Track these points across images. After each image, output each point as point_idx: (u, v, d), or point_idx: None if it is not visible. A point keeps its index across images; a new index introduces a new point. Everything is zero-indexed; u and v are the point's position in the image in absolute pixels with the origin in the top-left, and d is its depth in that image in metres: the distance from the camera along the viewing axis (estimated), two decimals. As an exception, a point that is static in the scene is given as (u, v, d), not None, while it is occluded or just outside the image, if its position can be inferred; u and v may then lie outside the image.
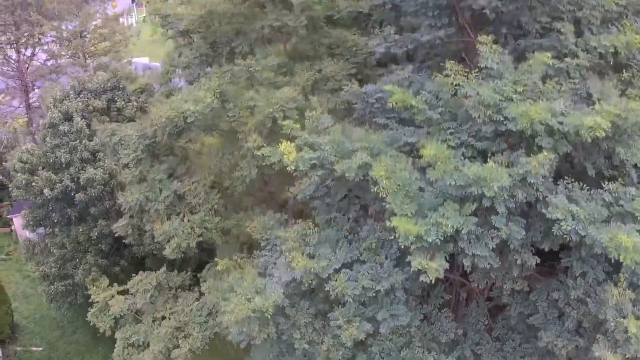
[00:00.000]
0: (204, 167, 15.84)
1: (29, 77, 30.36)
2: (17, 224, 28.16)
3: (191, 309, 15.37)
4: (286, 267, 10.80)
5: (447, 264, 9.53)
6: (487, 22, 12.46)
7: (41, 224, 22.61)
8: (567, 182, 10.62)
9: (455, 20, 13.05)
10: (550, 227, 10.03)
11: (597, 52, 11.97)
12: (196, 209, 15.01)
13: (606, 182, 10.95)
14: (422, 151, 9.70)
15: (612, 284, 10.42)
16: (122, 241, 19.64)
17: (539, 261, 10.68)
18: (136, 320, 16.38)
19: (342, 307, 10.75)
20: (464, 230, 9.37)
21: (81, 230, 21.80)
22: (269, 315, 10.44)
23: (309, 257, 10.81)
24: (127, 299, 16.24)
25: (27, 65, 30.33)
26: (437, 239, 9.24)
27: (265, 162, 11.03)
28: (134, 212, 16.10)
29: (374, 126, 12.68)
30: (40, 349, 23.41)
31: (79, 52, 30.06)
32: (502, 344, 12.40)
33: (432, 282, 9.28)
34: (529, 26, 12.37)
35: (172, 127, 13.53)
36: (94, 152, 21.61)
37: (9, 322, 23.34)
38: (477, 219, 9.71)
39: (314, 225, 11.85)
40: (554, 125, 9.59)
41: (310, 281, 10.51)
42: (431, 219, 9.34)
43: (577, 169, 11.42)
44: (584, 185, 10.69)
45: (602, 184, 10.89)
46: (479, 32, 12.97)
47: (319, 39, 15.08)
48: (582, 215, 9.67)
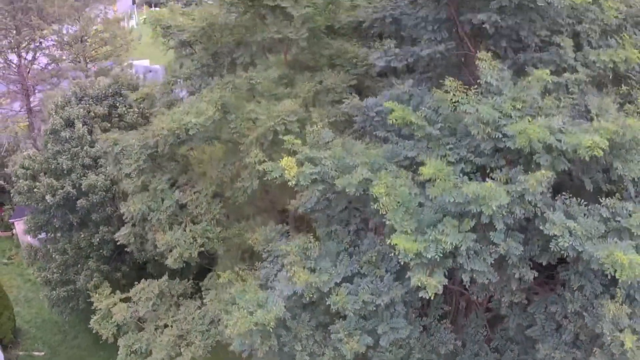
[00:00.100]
0: (205, 176, 15.97)
1: (29, 81, 30.44)
2: (19, 228, 28.29)
3: (193, 317, 15.51)
4: (287, 281, 10.94)
5: (446, 280, 9.67)
6: (486, 36, 12.58)
7: (43, 229, 22.76)
8: (565, 198, 10.76)
9: (455, 32, 13.17)
10: (548, 241, 10.17)
11: (596, 66, 12.10)
12: (198, 218, 15.15)
13: (604, 197, 11.10)
14: (421, 169, 9.82)
15: (609, 298, 10.57)
16: (124, 247, 19.81)
17: (536, 275, 10.82)
18: (139, 327, 16.52)
19: (343, 320, 10.90)
20: (462, 247, 9.50)
21: (83, 236, 21.95)
22: (271, 328, 10.58)
23: (310, 271, 10.96)
24: (129, 306, 16.37)
25: (28, 69, 30.41)
26: (437, 256, 9.38)
27: (267, 177, 11.17)
28: (136, 221, 16.23)
29: (374, 139, 12.82)
30: (42, 353, 23.58)
31: (80, 57, 30.14)
32: (500, 355, 12.55)
33: (432, 297, 9.42)
34: (529, 40, 12.48)
35: (174, 139, 13.64)
36: (95, 158, 21.73)
37: (11, 327, 23.49)
38: (475, 235, 9.85)
39: (315, 239, 11.99)
40: (552, 142, 9.71)
41: (311, 295, 10.66)
42: (430, 236, 9.48)
43: (576, 183, 11.56)
44: (582, 200, 10.83)
45: (600, 198, 11.02)
46: (478, 44, 13.11)
47: (320, 50, 15.19)
48: (580, 231, 9.81)
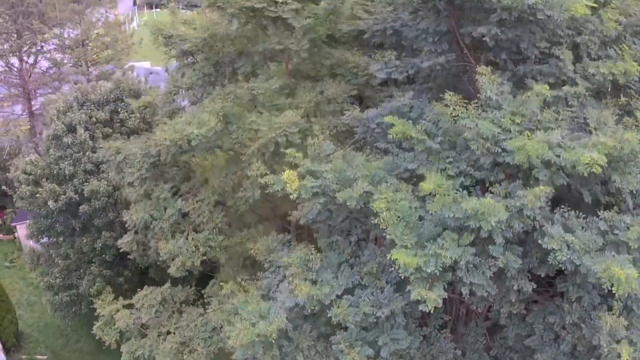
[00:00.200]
0: (207, 184, 16.11)
1: (31, 84, 30.56)
2: (21, 232, 28.44)
3: (195, 324, 15.66)
4: (289, 292, 11.08)
5: (445, 293, 9.81)
6: (486, 48, 12.67)
7: (45, 234, 22.90)
8: (564, 211, 10.88)
9: (455, 44, 13.27)
10: (546, 254, 10.30)
11: (595, 79, 12.19)
12: (200, 227, 15.29)
13: (602, 209, 11.22)
14: (421, 185, 9.95)
15: (606, 310, 10.71)
16: (126, 252, 19.93)
17: (535, 287, 10.95)
18: (141, 334, 16.68)
19: (344, 332, 11.05)
20: (462, 261, 9.64)
21: (85, 241, 22.11)
22: (273, 339, 10.73)
23: (312, 283, 11.10)
24: (132, 313, 16.52)
25: (29, 73, 30.52)
26: (436, 270, 9.51)
27: (268, 190, 11.29)
28: (138, 229, 16.37)
29: (375, 150, 12.94)
30: (44, 357, 23.75)
31: (81, 60, 30.25)
32: (499, 363, 12.72)
33: (431, 311, 9.56)
34: (528, 52, 12.57)
35: (176, 149, 13.77)
36: (97, 164, 21.85)
37: (14, 331, 23.67)
38: (475, 248, 9.98)
39: (316, 250, 12.13)
40: (551, 158, 9.83)
41: (313, 307, 10.80)
42: (430, 250, 9.61)
43: (574, 195, 11.68)
44: (580, 213, 10.96)
45: (599, 210, 11.14)
46: (479, 56, 13.22)
47: (321, 60, 15.29)
48: (578, 245, 9.94)
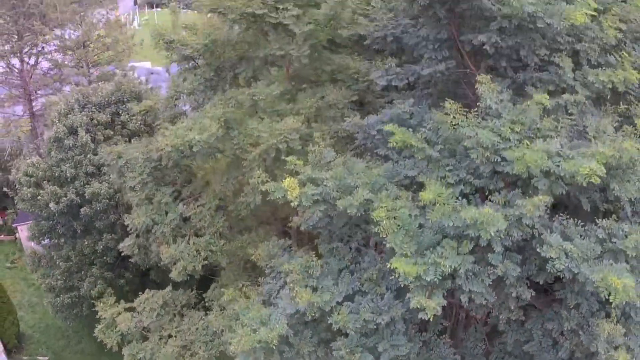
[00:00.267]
0: (208, 187, 16.20)
1: (32, 85, 30.61)
2: (22, 232, 28.53)
3: (197, 328, 15.77)
4: (290, 299, 11.18)
5: (444, 301, 9.91)
6: (486, 55, 12.74)
7: (46, 235, 22.99)
8: (563, 219, 10.97)
9: (456, 50, 13.33)
10: (545, 261, 10.39)
11: (595, 87, 12.26)
12: (201, 231, 15.38)
13: (601, 216, 11.30)
14: (421, 195, 10.04)
15: (604, 317, 10.80)
16: (128, 256, 20.05)
17: (534, 294, 11.04)
18: (143, 337, 16.79)
19: (344, 338, 11.15)
20: (461, 269, 9.73)
21: (86, 243, 22.21)
22: (274, 346, 10.83)
23: (312, 290, 11.20)
24: (133, 316, 16.63)
25: (30, 74, 30.57)
26: (436, 279, 9.60)
27: (269, 198, 11.37)
28: (140, 232, 16.46)
29: (375, 156, 13.01)
30: (46, 358, 23.88)
31: (82, 62, 30.30)
32: (498, 369, 12.81)
33: (430, 319, 9.65)
34: (528, 59, 12.64)
35: (178, 155, 13.85)
36: (98, 166, 21.93)
37: (15, 332, 23.78)
38: (474, 257, 10.07)
39: (317, 255, 12.22)
40: (550, 167, 9.91)
41: (313, 314, 10.91)
42: (429, 259, 9.70)
43: (573, 201, 11.76)
44: (579, 220, 11.04)
45: (597, 217, 11.22)
46: (479, 63, 13.28)
47: (322, 66, 15.35)
48: (576, 253, 10.03)
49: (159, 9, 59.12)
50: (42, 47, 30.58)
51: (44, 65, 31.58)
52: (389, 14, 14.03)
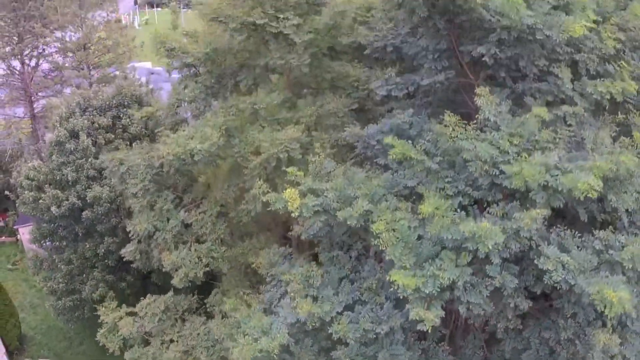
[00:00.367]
0: (209, 190, 16.31)
1: (32, 88, 30.67)
2: (23, 234, 28.66)
3: (198, 333, 15.92)
4: (291, 308, 11.32)
5: (443, 312, 10.05)
6: (485, 66, 12.83)
7: (48, 239, 23.11)
8: (560, 230, 11.10)
9: (455, 59, 13.42)
10: (542, 272, 10.52)
11: (593, 97, 12.35)
12: (203, 237, 15.50)
13: (599, 226, 11.42)
14: (420, 208, 10.16)
15: (601, 326, 10.95)
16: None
17: (531, 304, 11.19)
18: (145, 341, 16.94)
19: (344, 347, 11.30)
20: (459, 281, 9.87)
21: (88, 246, 22.31)
22: (275, 355, 10.98)
23: (313, 299, 11.34)
24: (135, 321, 16.76)
25: (31, 76, 30.63)
26: (434, 290, 9.74)
27: (270, 208, 11.49)
28: (141, 238, 16.59)
29: (375, 166, 13.13)
30: (48, 360, 24.08)
31: (83, 64, 30.34)
32: (497, 376, 12.97)
33: (429, 330, 9.80)
34: (527, 70, 12.73)
35: (180, 163, 13.97)
36: (100, 170, 22.02)
37: (17, 334, 23.94)
38: (472, 268, 10.21)
39: (317, 263, 12.35)
40: (548, 180, 10.03)
41: (314, 324, 11.05)
42: (428, 271, 9.84)
43: (571, 212, 11.88)
44: (576, 232, 11.17)
45: (595, 227, 11.35)
46: (478, 73, 13.37)
47: (322, 74, 15.45)
48: (573, 265, 10.16)
49: (159, 9, 59.06)
50: (43, 49, 30.62)
51: (45, 66, 31.63)
52: (389, 23, 14.11)
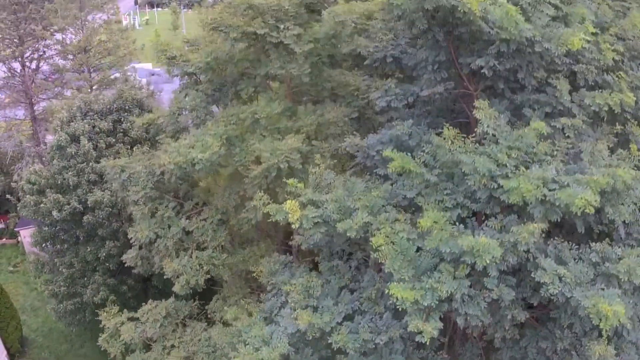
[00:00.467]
0: (210, 195, 16.44)
1: (33, 90, 30.74)
2: (25, 237, 28.78)
3: (199, 339, 16.06)
4: (291, 319, 11.46)
5: (441, 324, 10.19)
6: (484, 77, 12.93)
7: (49, 242, 23.24)
8: (557, 242, 11.23)
9: (454, 67, 13.52)
10: (539, 283, 10.66)
11: (591, 109, 12.46)
12: (204, 244, 15.64)
13: (596, 237, 11.55)
14: (419, 222, 10.28)
15: (597, 336, 11.08)
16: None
17: (528, 316, 11.33)
18: (146, 346, 17.09)
19: (344, 357, 11.44)
20: (457, 294, 10.01)
21: (89, 250, 22.45)
22: (275, 364, 11.13)
23: (313, 310, 11.48)
24: (137, 326, 16.90)
25: (32, 79, 30.70)
26: (433, 303, 9.88)
27: (270, 219, 11.61)
28: (143, 244, 16.72)
29: (375, 175, 13.24)
30: (49, 362, 24.24)
31: (83, 66, 30.41)
32: (494, 384, 13.12)
33: (427, 342, 9.94)
34: (526, 81, 12.84)
35: (181, 172, 14.09)
36: (101, 174, 22.13)
37: (18, 337, 24.09)
38: (470, 280, 10.34)
39: (317, 273, 12.48)
40: (545, 194, 10.15)
41: (314, 334, 11.19)
42: (427, 284, 9.97)
43: (568, 222, 12.01)
44: (573, 243, 11.30)
45: (592, 239, 11.47)
46: (477, 84, 13.48)
47: (322, 83, 15.55)
48: (569, 277, 10.30)
49: (159, 9, 59.00)
50: (44, 52, 30.68)
51: (46, 68, 31.69)
52: (388, 34, 14.20)
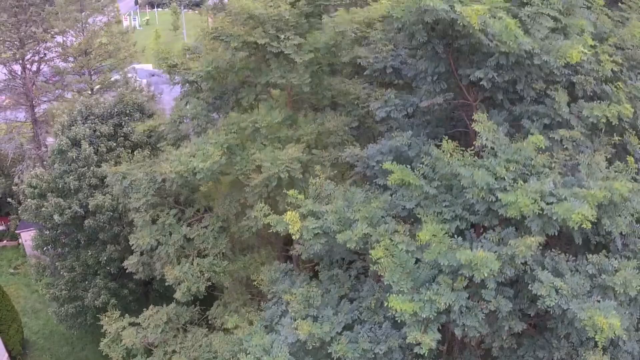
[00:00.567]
0: (212, 212, 16.54)
1: (34, 92, 30.80)
2: (26, 240, 28.89)
3: (200, 345, 16.21)
4: (292, 328, 11.60)
5: (439, 335, 10.34)
6: (483, 89, 13.04)
7: (50, 246, 23.36)
8: (554, 254, 11.36)
9: (453, 78, 13.62)
10: (536, 295, 10.80)
11: (589, 121, 12.57)
12: (205, 251, 15.77)
13: (593, 248, 11.67)
14: (418, 235, 10.41)
15: (594, 346, 11.23)
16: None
17: (525, 327, 11.47)
18: (147, 351, 17.22)
19: (343, 366, 11.59)
20: (455, 306, 10.14)
21: (90, 253, 22.59)
22: (275, 374, 11.27)
23: (313, 319, 11.62)
24: (138, 331, 17.04)
25: (32, 81, 30.76)
26: (431, 315, 10.02)
27: (271, 230, 11.74)
28: (144, 250, 16.84)
29: (375, 185, 13.36)
30: (50, 365, 24.38)
31: (84, 69, 30.47)
32: (492, 392, 13.26)
33: (426, 354, 10.09)
34: (524, 93, 12.94)
35: (182, 181, 14.20)
36: (102, 178, 22.24)
37: (19, 339, 24.22)
38: (468, 292, 10.48)
39: (317, 281, 12.61)
40: (543, 208, 10.27)
41: (314, 343, 11.34)
42: (425, 296, 10.11)
43: (566, 234, 12.14)
44: (570, 255, 11.44)
45: (589, 249, 11.60)
46: (476, 95, 13.58)
47: (322, 92, 15.65)
48: (566, 290, 10.43)
49: (159, 9, 58.96)
50: (44, 54, 30.73)
51: (46, 71, 31.74)
52: (388, 45, 14.30)
